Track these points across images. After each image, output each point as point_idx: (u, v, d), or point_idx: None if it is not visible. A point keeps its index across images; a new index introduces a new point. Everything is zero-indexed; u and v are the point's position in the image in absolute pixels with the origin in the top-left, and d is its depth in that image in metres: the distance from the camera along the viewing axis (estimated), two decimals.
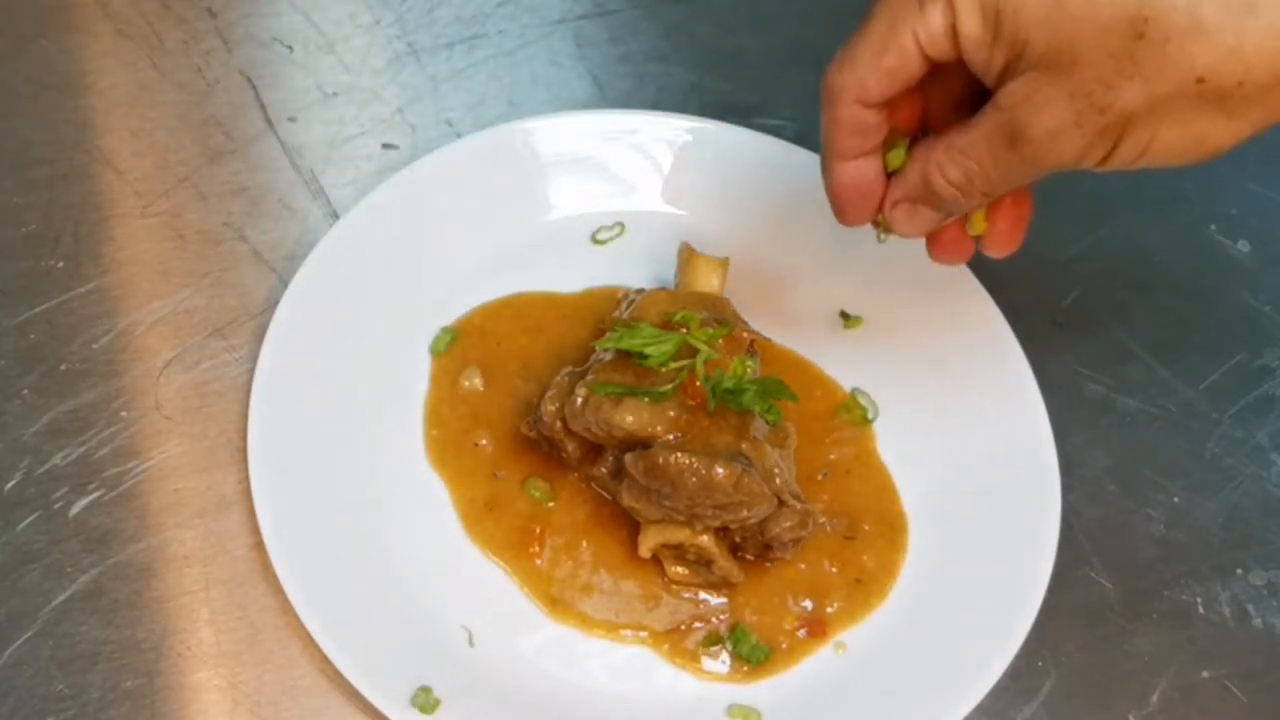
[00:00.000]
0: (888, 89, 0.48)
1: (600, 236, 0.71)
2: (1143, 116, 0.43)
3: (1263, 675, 0.62)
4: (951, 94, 0.51)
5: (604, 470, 0.60)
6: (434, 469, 0.62)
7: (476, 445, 0.63)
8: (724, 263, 0.66)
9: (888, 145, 0.53)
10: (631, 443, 0.57)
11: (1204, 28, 0.41)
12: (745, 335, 0.61)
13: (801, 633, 0.60)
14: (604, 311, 0.67)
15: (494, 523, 0.61)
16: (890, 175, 0.53)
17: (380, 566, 0.59)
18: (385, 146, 0.74)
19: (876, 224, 0.55)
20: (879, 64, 0.47)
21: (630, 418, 0.56)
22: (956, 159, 0.48)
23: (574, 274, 0.69)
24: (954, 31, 0.45)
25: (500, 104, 0.76)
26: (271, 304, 0.66)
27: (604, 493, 0.62)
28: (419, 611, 0.58)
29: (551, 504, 0.62)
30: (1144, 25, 0.41)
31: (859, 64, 0.48)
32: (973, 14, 0.44)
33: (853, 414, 0.66)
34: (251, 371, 0.62)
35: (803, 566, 0.61)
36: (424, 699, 0.55)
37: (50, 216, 0.69)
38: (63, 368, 0.64)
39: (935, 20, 0.45)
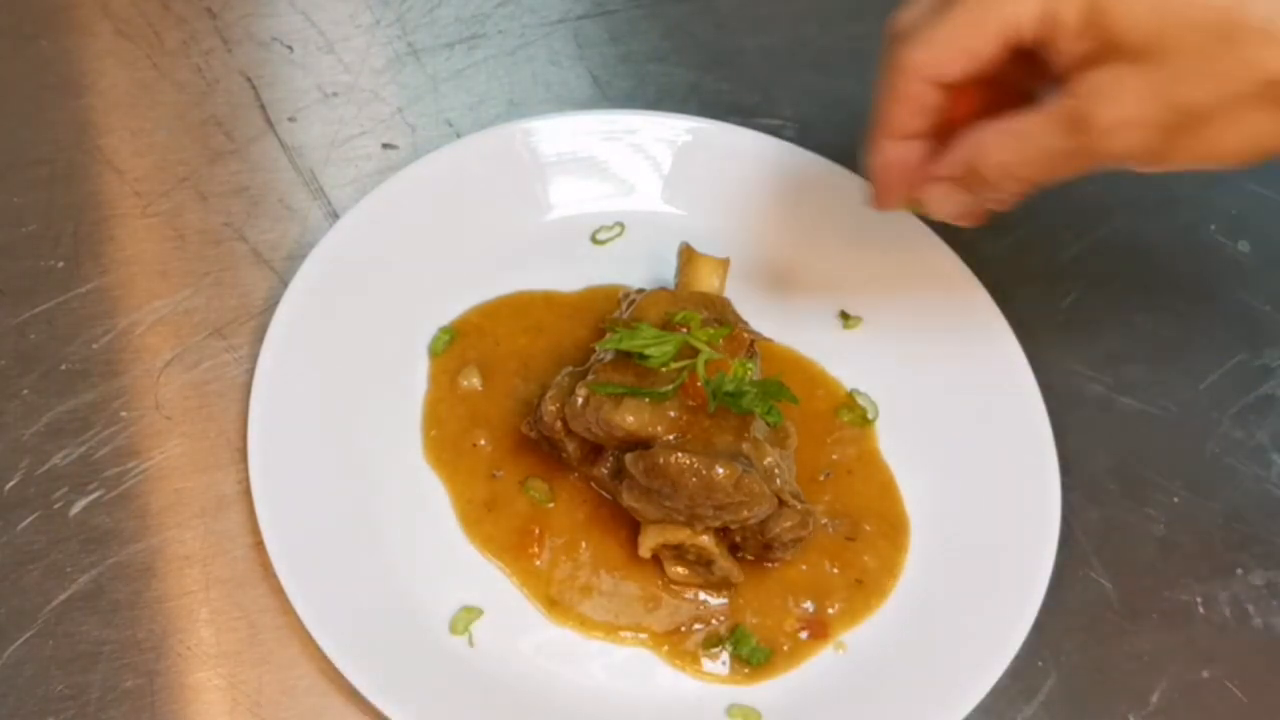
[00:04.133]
0: (963, 71, 0.48)
1: (600, 236, 0.71)
2: (1210, 117, 0.44)
3: (1263, 675, 0.62)
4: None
5: (604, 470, 0.60)
6: (432, 469, 0.62)
7: (475, 445, 0.63)
8: (724, 263, 0.66)
9: None
10: (632, 443, 0.57)
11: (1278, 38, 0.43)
12: (746, 335, 0.61)
13: (803, 634, 0.60)
14: (604, 311, 0.67)
15: (493, 523, 0.61)
16: None
17: (380, 566, 0.59)
18: (385, 146, 0.74)
19: (909, 204, 0.56)
20: (961, 44, 0.47)
21: (631, 418, 0.56)
22: (1008, 142, 0.48)
23: (574, 274, 0.69)
24: (1048, 19, 0.45)
25: (500, 104, 0.76)
26: (271, 304, 0.66)
27: (604, 493, 0.62)
28: (418, 611, 0.58)
29: (551, 505, 0.62)
30: (1231, 28, 0.43)
31: (938, 42, 0.47)
32: (1071, 2, 0.45)
33: (854, 414, 0.66)
34: (251, 371, 0.62)
35: (804, 568, 0.61)
36: None
37: (50, 216, 0.69)
38: (63, 368, 0.64)
39: (1030, 6, 0.45)
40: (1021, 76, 0.49)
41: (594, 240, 0.70)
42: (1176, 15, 0.43)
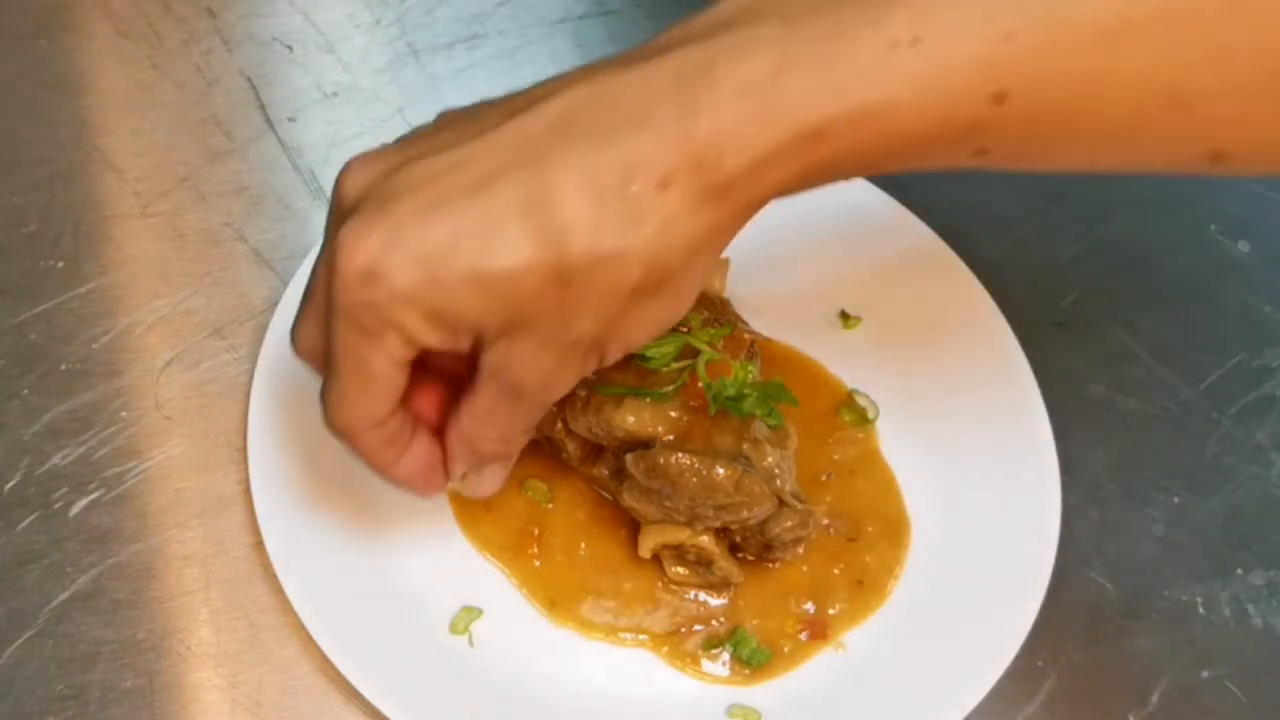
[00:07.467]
0: (390, 403, 0.49)
1: None
2: (607, 332, 0.47)
3: (1263, 675, 0.62)
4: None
5: (605, 470, 0.60)
6: None
7: None
8: (724, 263, 0.66)
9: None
10: (633, 443, 0.57)
11: (611, 254, 0.44)
12: (746, 336, 0.61)
13: (803, 635, 0.60)
14: None
15: (491, 524, 0.61)
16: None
17: (380, 566, 0.59)
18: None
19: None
20: (370, 391, 0.48)
21: (632, 418, 0.56)
22: (483, 425, 0.50)
23: None
24: (416, 342, 0.47)
25: None
26: (271, 304, 0.66)
27: (604, 493, 0.62)
28: (418, 611, 0.58)
29: (550, 505, 0.62)
30: (568, 276, 0.44)
31: (352, 400, 0.48)
32: (425, 329, 0.46)
33: (854, 414, 0.66)
34: (251, 371, 0.62)
35: (805, 568, 0.61)
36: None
37: (50, 216, 0.69)
38: (63, 368, 0.64)
39: (394, 341, 0.46)
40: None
41: None
42: (511, 295, 0.44)
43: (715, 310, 0.62)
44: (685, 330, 0.59)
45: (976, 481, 0.64)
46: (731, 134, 0.43)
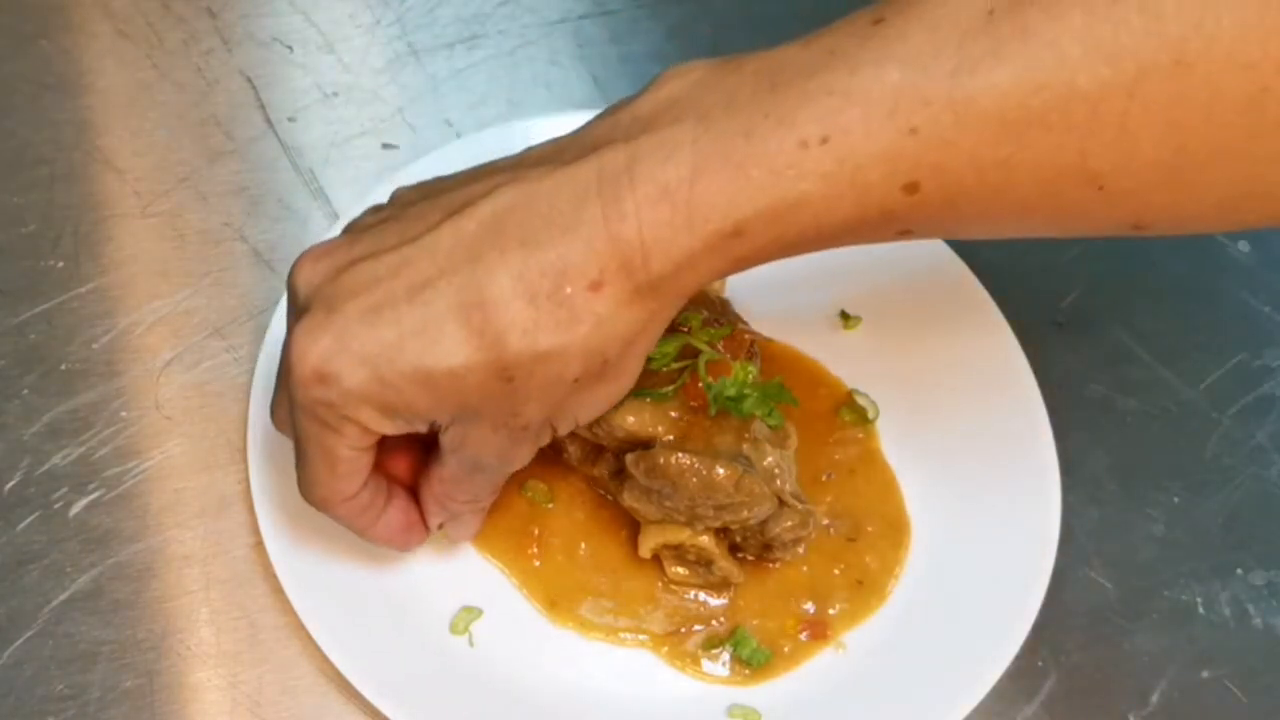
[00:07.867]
0: (358, 481, 0.52)
1: None
2: (555, 415, 0.49)
3: (1263, 675, 0.62)
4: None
5: (605, 470, 0.60)
6: None
7: None
8: None
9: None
10: (633, 443, 0.57)
11: (549, 352, 0.46)
12: (746, 336, 0.61)
13: (803, 635, 0.60)
14: None
15: (491, 524, 0.61)
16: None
17: (380, 566, 0.59)
18: (385, 146, 0.74)
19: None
20: (337, 474, 0.51)
21: (631, 418, 0.56)
22: (451, 489, 0.53)
23: None
24: (374, 432, 0.49)
25: (500, 104, 0.76)
26: (271, 304, 0.66)
27: (605, 493, 0.62)
28: (418, 611, 0.58)
29: (550, 505, 0.62)
30: (509, 373, 0.46)
31: (323, 481, 0.51)
32: (380, 421, 0.48)
33: (855, 413, 0.66)
34: (251, 371, 0.62)
35: (805, 569, 0.61)
36: None
37: (50, 216, 0.69)
38: (63, 368, 0.64)
39: (353, 432, 0.49)
40: None
41: None
42: (455, 393, 0.47)
43: (715, 310, 0.62)
44: (685, 330, 0.59)
45: (976, 481, 0.64)
46: (655, 237, 0.45)
